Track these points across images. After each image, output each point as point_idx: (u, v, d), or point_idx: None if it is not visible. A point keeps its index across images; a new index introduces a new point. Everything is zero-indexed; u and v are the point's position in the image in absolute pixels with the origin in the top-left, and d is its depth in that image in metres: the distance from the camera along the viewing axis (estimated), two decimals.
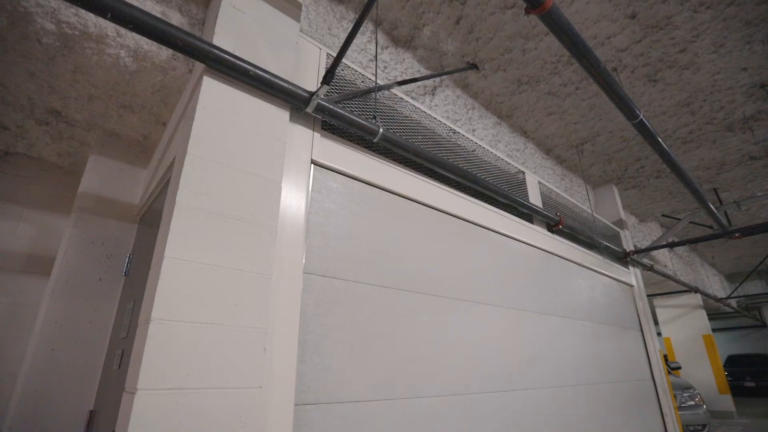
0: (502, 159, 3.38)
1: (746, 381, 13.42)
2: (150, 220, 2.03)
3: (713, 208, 4.20)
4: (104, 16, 1.30)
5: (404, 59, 3.02)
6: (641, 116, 2.77)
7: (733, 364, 14.48)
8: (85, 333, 1.95)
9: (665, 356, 10.24)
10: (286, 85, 1.70)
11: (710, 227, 5.68)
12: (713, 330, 17.15)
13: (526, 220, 3.29)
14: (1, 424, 1.95)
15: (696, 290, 7.20)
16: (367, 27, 2.76)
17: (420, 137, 2.62)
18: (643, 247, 5.98)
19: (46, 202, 2.55)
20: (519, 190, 3.42)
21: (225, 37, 1.64)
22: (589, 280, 3.96)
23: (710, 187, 5.60)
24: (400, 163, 2.35)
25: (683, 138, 4.37)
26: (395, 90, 2.58)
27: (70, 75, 1.79)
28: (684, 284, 6.76)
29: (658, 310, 9.77)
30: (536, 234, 3.34)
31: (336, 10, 2.61)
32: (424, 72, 3.17)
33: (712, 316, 14.15)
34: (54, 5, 1.50)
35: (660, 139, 3.02)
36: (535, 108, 3.82)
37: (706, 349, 8.81)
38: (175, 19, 1.82)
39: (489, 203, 2.94)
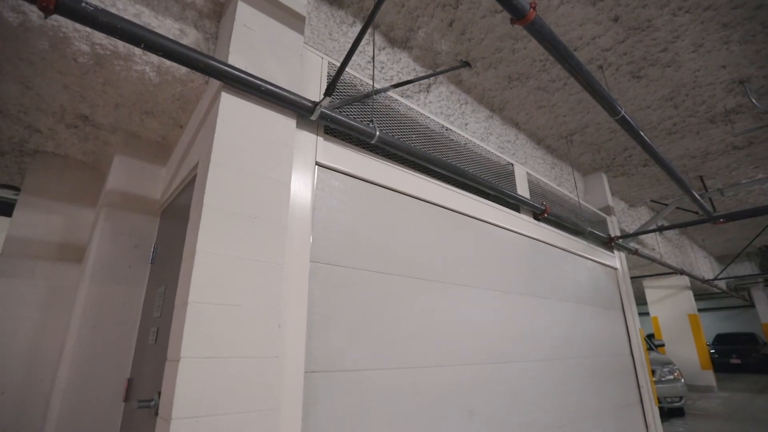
0: (492, 152, 3.61)
1: (732, 358, 13.98)
2: (173, 213, 2.29)
3: (697, 196, 4.43)
4: (138, 46, 1.52)
5: (400, 59, 3.21)
6: (623, 112, 2.98)
7: (721, 342, 15.03)
8: (119, 313, 2.23)
9: (652, 335, 10.68)
10: (293, 97, 1.92)
11: (696, 213, 5.94)
12: (704, 310, 17.67)
13: (514, 210, 3.55)
14: (52, 390, 2.26)
15: (682, 272, 7.51)
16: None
17: (415, 134, 2.84)
18: (631, 232, 6.26)
19: (73, 195, 2.80)
20: (508, 181, 3.66)
21: (238, 55, 1.86)
22: (573, 264, 4.25)
23: (696, 174, 5.82)
24: (396, 161, 2.58)
25: (668, 129, 4.58)
26: (391, 93, 2.79)
27: (99, 87, 2.02)
28: (670, 266, 7.07)
29: (647, 291, 10.15)
30: (523, 222, 3.61)
31: (336, 15, 2.80)
32: (420, 70, 3.37)
33: (702, 296, 14.57)
34: (90, 30, 1.72)
35: (642, 133, 3.23)
36: (525, 102, 4.02)
37: (691, 328, 9.22)
38: (191, 34, 2.03)
39: (478, 195, 3.18)
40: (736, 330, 16.64)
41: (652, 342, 7.75)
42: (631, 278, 9.69)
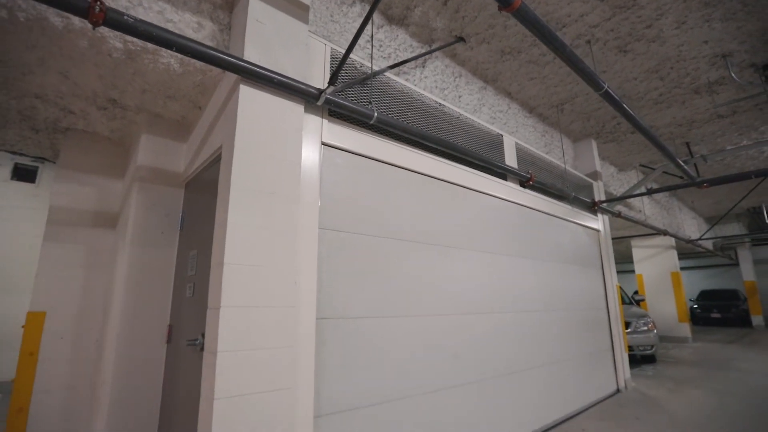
0: (483, 125, 3.86)
1: (713, 312, 14.78)
2: (197, 186, 2.62)
3: (680, 162, 4.71)
4: (170, 49, 1.79)
5: (398, 36, 3.39)
6: (606, 87, 3.22)
7: (705, 298, 15.81)
8: (156, 272, 2.63)
9: (636, 292, 11.31)
10: (301, 86, 2.19)
11: (681, 177, 6.22)
12: (691, 268, 18.36)
13: (501, 178, 3.86)
14: (105, 334, 2.70)
15: (665, 233, 7.92)
16: (364, 9, 3.12)
17: (411, 110, 3.10)
18: (619, 194, 6.60)
19: (101, 168, 3.11)
20: (497, 150, 3.94)
21: (252, 49, 2.11)
22: (557, 227, 4.62)
23: (683, 141, 6.06)
24: (393, 138, 2.87)
25: (654, 99, 4.78)
26: (389, 73, 3.02)
27: (129, 76, 2.27)
28: (653, 228, 7.48)
29: (634, 250, 10.65)
30: (510, 189, 3.94)
31: None
32: (416, 45, 3.55)
33: (689, 255, 15.10)
34: None
35: (625, 106, 3.48)
36: (517, 74, 4.21)
37: (673, 285, 9.80)
38: (208, 26, 2.26)
39: (468, 166, 3.49)
40: (721, 287, 17.36)
41: (633, 297, 8.33)
42: (620, 238, 10.13)
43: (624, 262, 17.86)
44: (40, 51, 2.03)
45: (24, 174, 5.71)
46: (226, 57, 1.92)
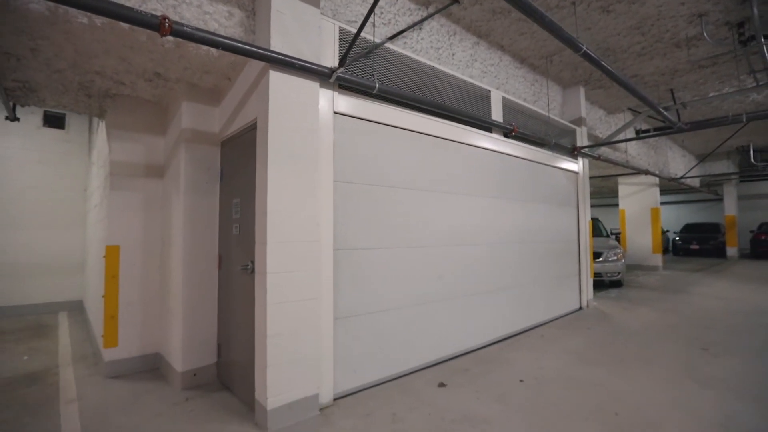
0: (473, 82, 4.30)
1: (692, 244, 15.83)
2: (233, 146, 3.22)
3: (661, 110, 5.15)
4: (217, 48, 2.30)
5: (397, 1, 3.73)
6: (584, 48, 3.63)
7: (688, 231, 16.78)
8: (205, 215, 3.33)
9: (619, 228, 12.15)
10: (317, 67, 2.71)
11: (662, 121, 6.66)
12: (680, 202, 19.15)
13: (487, 131, 4.41)
14: (170, 262, 3.49)
15: (646, 172, 8.51)
16: None
17: (409, 73, 3.57)
18: (606, 136, 7.10)
19: (145, 127, 3.67)
20: (484, 105, 4.43)
21: (277, 38, 2.59)
22: (537, 171, 5.25)
23: (667, 88, 6.41)
24: (392, 103, 3.40)
25: (637, 52, 5.11)
26: (388, 44, 3.44)
27: (176, 59, 2.77)
28: (634, 168, 8.06)
29: (620, 187, 11.31)
30: (494, 141, 4.50)
31: None
32: (414, 8, 3.88)
33: (678, 190, 15.76)
34: None
35: (604, 64, 3.85)
36: (509, 30, 4.54)
37: (651, 220, 10.61)
38: (237, 14, 2.71)
39: (456, 122, 4.03)
40: (707, 221, 18.25)
41: (611, 231, 9.17)
42: (608, 176, 10.72)
43: (613, 196, 18.53)
44: (107, 44, 2.52)
45: (54, 121, 6.21)
46: (259, 50, 2.43)
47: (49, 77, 3.02)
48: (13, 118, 3.61)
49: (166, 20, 2.07)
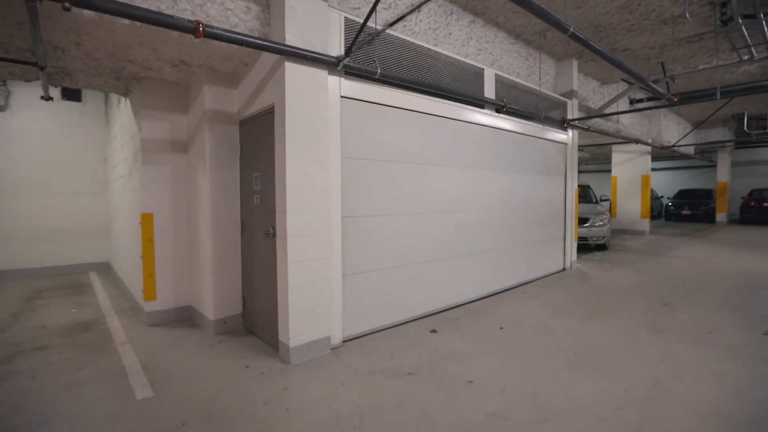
0: (467, 62, 4.61)
1: (684, 210, 16.34)
2: (251, 126, 3.62)
3: (650, 83, 5.46)
4: (242, 45, 2.67)
5: None
6: (571, 30, 3.93)
7: (681, 197, 17.24)
8: (228, 186, 3.79)
9: (608, 195, 12.58)
10: (325, 58, 3.07)
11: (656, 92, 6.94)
12: (675, 168, 19.45)
13: (479, 107, 4.77)
14: (198, 227, 3.98)
15: (637, 141, 8.85)
16: None
17: (409, 55, 3.90)
18: (597, 108, 7.41)
19: (169, 106, 4.05)
20: (478, 82, 4.76)
21: (291, 33, 2.94)
22: (526, 143, 5.64)
23: (657, 61, 6.64)
24: (392, 86, 3.76)
25: (627, 28, 5.35)
26: (389, 30, 3.75)
27: (201, 51, 3.11)
28: (623, 137, 8.38)
29: (614, 155, 11.64)
30: (487, 117, 4.87)
31: None
32: None
33: (673, 157, 16.05)
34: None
35: (592, 43, 4.12)
36: (503, 8, 4.78)
37: (641, 186, 11.04)
38: (254, 8, 3.03)
39: (451, 100, 4.39)
40: (702, 186, 18.63)
41: (601, 198, 9.62)
42: (602, 144, 11.03)
43: (609, 162, 18.82)
44: (143, 38, 2.88)
45: (71, 93, 6.52)
46: (277, 46, 2.79)
47: (86, 64, 3.38)
48: (48, 97, 3.97)
49: (200, 25, 2.43)
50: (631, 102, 8.83)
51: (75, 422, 2.31)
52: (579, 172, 20.81)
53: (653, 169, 20.33)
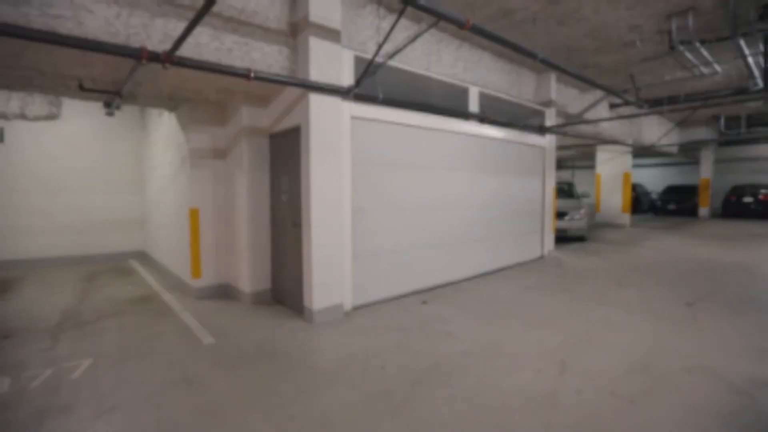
0: (454, 82, 5.52)
1: (670, 205, 17.23)
2: (279, 139, 4.55)
3: (618, 93, 6.40)
4: (280, 84, 3.60)
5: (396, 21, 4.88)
6: (540, 57, 4.85)
7: (668, 192, 18.12)
8: (260, 186, 4.73)
9: (588, 191, 13.45)
10: (340, 88, 3.99)
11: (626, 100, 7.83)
12: (663, 165, 20.30)
13: (465, 120, 5.69)
14: (236, 220, 4.94)
15: (614, 142, 9.74)
16: (374, 9, 4.60)
17: (406, 79, 4.81)
18: (575, 114, 8.32)
19: (209, 120, 4.98)
20: (463, 99, 5.67)
21: (314, 71, 3.86)
22: (507, 148, 6.56)
23: (628, 73, 7.51)
24: (392, 106, 4.68)
25: (594, 50, 6.25)
26: (389, 62, 4.66)
27: (243, 85, 4.05)
28: (600, 140, 9.26)
29: (598, 153, 12.52)
30: (471, 127, 5.80)
31: (356, 4, 4.45)
32: (409, 24, 5.03)
33: (661, 155, 16.88)
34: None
35: (560, 66, 5.01)
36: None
37: (623, 183, 11.94)
38: (285, 51, 3.95)
39: (441, 115, 5.31)
40: (689, 182, 19.48)
41: (582, 194, 10.54)
42: (585, 145, 11.91)
43: (588, 160, 19.59)
44: (205, 78, 3.81)
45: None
46: (306, 83, 3.72)
47: (152, 91, 4.32)
48: (111, 113, 4.91)
49: (251, 72, 3.37)
50: (612, 106, 9.71)
51: (168, 356, 3.28)
52: (572, 168, 21.58)
53: (644, 166, 21.21)
